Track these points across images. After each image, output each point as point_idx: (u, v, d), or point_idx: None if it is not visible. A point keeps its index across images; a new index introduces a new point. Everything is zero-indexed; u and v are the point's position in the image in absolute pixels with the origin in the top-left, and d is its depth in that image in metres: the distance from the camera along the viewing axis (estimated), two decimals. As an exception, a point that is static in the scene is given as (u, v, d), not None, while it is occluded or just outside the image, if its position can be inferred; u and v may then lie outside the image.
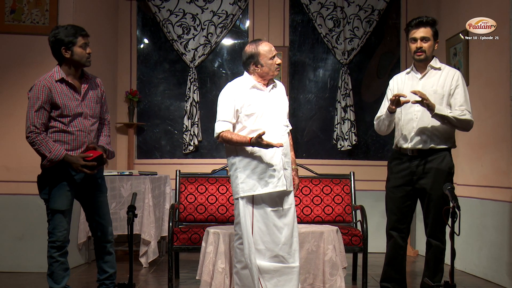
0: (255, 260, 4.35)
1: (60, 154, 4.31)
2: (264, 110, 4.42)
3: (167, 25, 8.00)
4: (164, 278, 5.86)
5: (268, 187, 4.35)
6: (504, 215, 5.66)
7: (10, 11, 6.26)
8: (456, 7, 6.75)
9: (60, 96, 4.36)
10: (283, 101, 4.56)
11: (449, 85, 4.56)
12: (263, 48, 4.42)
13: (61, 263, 4.43)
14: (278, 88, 4.58)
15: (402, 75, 4.82)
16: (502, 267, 5.69)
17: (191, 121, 7.95)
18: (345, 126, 7.97)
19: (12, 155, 6.24)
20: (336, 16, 8.04)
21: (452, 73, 4.62)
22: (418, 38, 4.58)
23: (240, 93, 4.42)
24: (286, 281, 4.38)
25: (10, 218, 6.26)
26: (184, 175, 5.94)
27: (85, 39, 4.41)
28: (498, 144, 5.80)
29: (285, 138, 4.46)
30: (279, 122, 4.46)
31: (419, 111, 4.57)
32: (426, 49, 4.57)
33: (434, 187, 4.54)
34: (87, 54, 4.41)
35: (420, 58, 4.60)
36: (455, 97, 4.54)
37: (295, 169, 4.63)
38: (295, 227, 4.47)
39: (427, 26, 4.58)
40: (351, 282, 5.88)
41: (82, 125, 4.42)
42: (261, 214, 4.38)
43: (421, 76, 4.66)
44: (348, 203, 5.86)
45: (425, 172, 4.58)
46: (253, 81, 4.46)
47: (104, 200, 4.63)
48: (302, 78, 8.22)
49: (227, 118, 4.39)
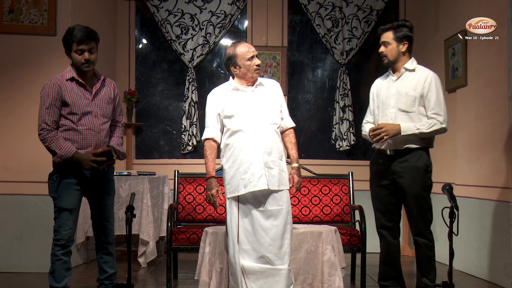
0: (239, 260, 4.35)
1: (70, 151, 4.34)
2: (245, 110, 4.43)
3: (166, 25, 8.00)
4: (163, 278, 5.86)
5: (248, 187, 4.35)
6: (502, 215, 5.66)
7: (8, 11, 6.25)
8: (455, 7, 6.75)
9: (70, 94, 4.40)
10: (270, 99, 4.53)
11: (421, 87, 4.61)
12: (240, 50, 4.46)
13: (64, 262, 4.43)
14: (266, 87, 4.56)
15: (381, 79, 4.91)
16: (501, 267, 5.69)
17: (190, 121, 7.95)
18: (344, 126, 7.98)
19: (11, 155, 6.24)
20: (335, 16, 8.04)
21: (425, 75, 4.67)
22: (381, 43, 4.75)
23: (221, 97, 4.51)
24: (273, 283, 4.35)
25: (8, 218, 6.26)
26: (183, 175, 5.94)
27: (80, 46, 4.37)
28: (497, 144, 5.80)
29: (269, 136, 4.44)
30: (262, 121, 4.44)
31: (393, 112, 4.67)
32: (387, 53, 4.71)
33: (412, 185, 4.61)
34: (83, 60, 4.39)
35: (384, 62, 4.78)
36: (428, 100, 4.61)
37: (296, 167, 4.59)
38: (288, 229, 4.43)
39: (386, 31, 4.72)
40: (349, 282, 5.88)
41: (92, 123, 4.44)
42: (247, 215, 4.38)
43: (396, 78, 4.73)
44: (346, 203, 5.87)
45: (402, 171, 4.64)
46: (234, 83, 4.52)
47: (110, 203, 4.66)
48: (301, 78, 8.22)
49: (211, 124, 4.53)
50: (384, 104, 4.74)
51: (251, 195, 4.38)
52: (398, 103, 4.64)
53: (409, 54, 4.73)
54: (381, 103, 4.77)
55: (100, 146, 4.48)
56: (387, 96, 4.73)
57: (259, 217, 4.36)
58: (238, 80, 4.52)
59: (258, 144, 4.38)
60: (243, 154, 4.38)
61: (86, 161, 4.35)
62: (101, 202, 4.59)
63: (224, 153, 4.49)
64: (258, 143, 4.38)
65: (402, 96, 4.63)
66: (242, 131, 4.41)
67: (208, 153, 4.49)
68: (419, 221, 4.65)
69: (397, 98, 4.66)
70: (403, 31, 4.68)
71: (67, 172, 4.41)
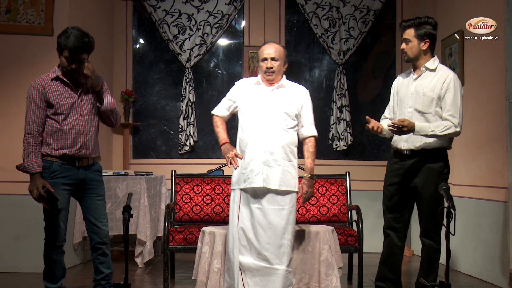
0: (237, 255, 4.37)
1: (32, 169, 4.33)
2: (257, 107, 4.49)
3: (163, 25, 8.00)
4: (160, 278, 5.86)
5: (246, 182, 4.41)
6: (499, 215, 5.67)
7: (5, 11, 6.25)
8: (452, 8, 6.76)
9: (54, 94, 4.38)
10: (288, 102, 4.55)
11: (439, 88, 4.54)
12: (261, 49, 4.62)
13: (57, 262, 4.42)
14: (288, 89, 4.60)
15: (403, 75, 4.86)
16: (497, 266, 5.70)
17: (187, 121, 7.95)
18: (341, 126, 7.98)
19: (8, 155, 6.22)
20: (332, 16, 8.04)
21: (445, 75, 4.57)
22: (402, 40, 4.69)
23: (242, 88, 4.66)
24: (269, 282, 4.36)
25: (5, 218, 6.25)
26: (180, 175, 5.93)
27: (71, 54, 4.30)
28: (493, 144, 5.81)
29: (277, 136, 4.45)
30: (274, 121, 4.47)
31: (410, 112, 4.60)
32: (407, 50, 4.64)
33: (425, 186, 4.56)
34: (69, 68, 4.34)
35: (404, 59, 4.75)
36: (445, 101, 4.53)
37: (307, 177, 4.58)
38: (289, 230, 4.43)
39: (408, 28, 4.63)
40: (346, 282, 5.89)
41: (76, 123, 4.42)
42: (247, 210, 4.41)
43: (416, 77, 4.67)
44: (343, 203, 5.87)
45: (418, 171, 4.60)
46: (259, 78, 4.62)
47: (101, 203, 4.62)
48: (298, 78, 8.21)
49: (223, 106, 4.72)
50: (402, 103, 4.68)
51: (253, 191, 4.41)
52: (416, 103, 4.58)
53: (431, 53, 4.64)
54: (399, 101, 4.72)
55: (85, 145, 4.45)
56: (405, 94, 4.66)
57: (258, 214, 4.38)
58: (261, 76, 4.63)
59: (262, 142, 4.42)
60: (248, 149, 4.45)
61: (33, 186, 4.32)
62: (91, 203, 4.57)
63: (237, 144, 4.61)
64: (262, 140, 4.42)
65: (420, 96, 4.56)
66: (252, 127, 4.49)
67: (219, 123, 4.69)
68: (427, 222, 4.60)
69: (415, 97, 4.59)
70: (425, 28, 4.59)
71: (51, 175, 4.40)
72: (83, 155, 4.47)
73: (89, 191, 4.55)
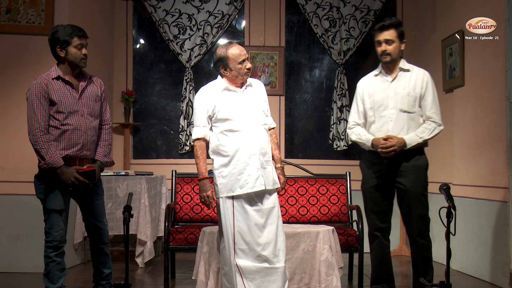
0: (235, 260, 4.32)
1: (58, 163, 4.32)
2: (238, 111, 4.39)
3: (163, 25, 8.00)
4: (160, 278, 5.86)
5: (245, 188, 4.32)
6: (499, 215, 5.67)
7: (5, 11, 6.25)
8: (452, 8, 6.76)
9: (56, 92, 4.38)
10: (260, 99, 4.52)
11: (420, 87, 4.61)
12: (232, 52, 4.37)
13: (58, 263, 4.42)
14: (254, 87, 4.54)
15: (370, 78, 4.81)
16: (498, 266, 5.70)
17: (187, 121, 7.95)
18: (341, 126, 7.98)
19: (8, 155, 6.23)
20: (332, 16, 8.05)
21: (422, 74, 4.65)
22: (382, 41, 4.61)
23: (212, 97, 4.41)
24: (270, 282, 4.34)
25: (6, 218, 6.25)
26: (180, 175, 5.94)
27: (81, 40, 4.41)
28: (494, 144, 5.81)
29: (263, 137, 4.43)
30: (255, 122, 4.42)
31: (393, 113, 4.62)
32: (391, 52, 4.61)
33: (415, 184, 4.59)
34: (82, 55, 4.41)
35: (386, 60, 4.65)
36: (426, 99, 4.60)
37: (281, 167, 4.58)
38: (280, 226, 4.42)
39: (390, 28, 4.60)
40: (347, 282, 5.89)
41: (78, 123, 4.42)
42: (242, 214, 4.34)
43: (392, 79, 4.67)
44: (344, 203, 5.87)
45: (403, 170, 4.62)
46: (225, 83, 4.44)
47: (100, 203, 4.63)
48: (298, 78, 8.22)
49: (201, 123, 4.43)
50: (380, 105, 4.66)
51: (246, 195, 4.35)
52: (399, 104, 4.59)
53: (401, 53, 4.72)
54: (375, 104, 4.68)
55: (86, 146, 4.46)
56: (383, 97, 4.66)
57: (255, 216, 4.34)
58: (227, 81, 4.46)
59: (254, 145, 4.36)
60: (239, 155, 4.35)
61: (68, 176, 4.33)
62: (91, 203, 4.57)
63: (215, 153, 4.44)
64: (254, 144, 4.36)
65: (403, 97, 4.59)
66: (237, 132, 4.36)
67: (200, 153, 4.40)
68: (421, 221, 4.62)
69: (397, 99, 4.60)
70: (402, 29, 4.64)
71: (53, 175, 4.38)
72: (84, 156, 4.47)
73: (87, 192, 4.55)
